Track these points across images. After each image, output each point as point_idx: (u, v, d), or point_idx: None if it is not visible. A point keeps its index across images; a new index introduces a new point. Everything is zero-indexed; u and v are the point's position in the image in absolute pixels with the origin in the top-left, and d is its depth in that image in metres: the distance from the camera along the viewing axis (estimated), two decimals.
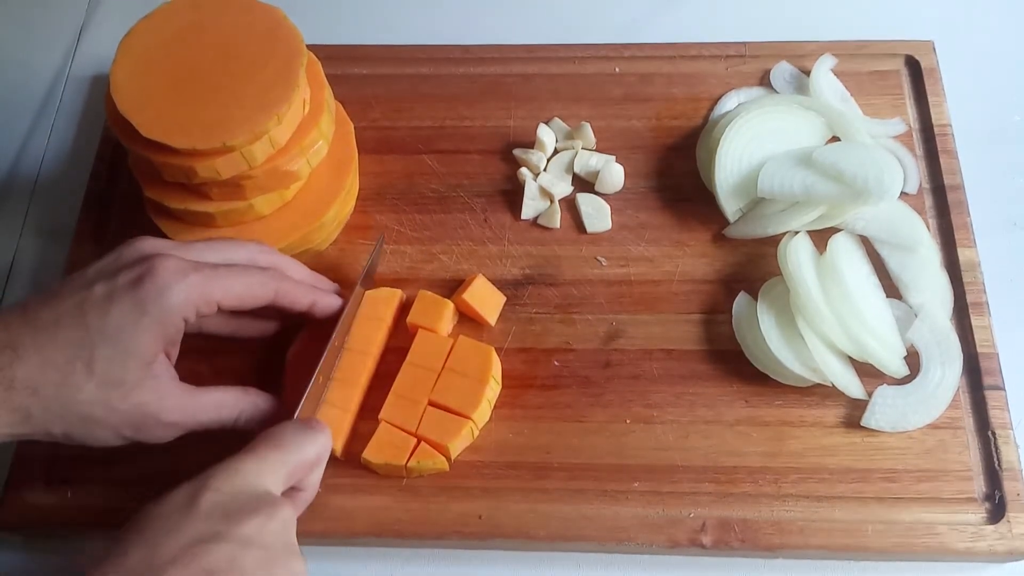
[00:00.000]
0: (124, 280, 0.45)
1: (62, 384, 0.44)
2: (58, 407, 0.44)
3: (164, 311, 0.45)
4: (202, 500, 0.41)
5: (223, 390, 0.50)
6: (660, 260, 0.60)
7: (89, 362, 0.44)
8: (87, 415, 0.45)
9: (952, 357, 0.55)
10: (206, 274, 0.47)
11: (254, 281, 0.49)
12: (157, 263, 0.46)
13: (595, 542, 0.52)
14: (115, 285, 0.45)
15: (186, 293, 0.46)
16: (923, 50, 0.67)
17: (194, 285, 0.46)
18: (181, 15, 0.55)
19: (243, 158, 0.52)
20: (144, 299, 0.45)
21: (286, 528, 0.43)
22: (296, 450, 0.45)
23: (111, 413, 0.45)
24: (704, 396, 0.56)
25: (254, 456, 0.44)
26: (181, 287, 0.45)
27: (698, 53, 0.68)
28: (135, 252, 0.47)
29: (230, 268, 0.48)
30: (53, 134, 0.71)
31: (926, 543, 0.51)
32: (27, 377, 0.43)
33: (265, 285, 0.49)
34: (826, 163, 0.58)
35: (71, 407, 0.44)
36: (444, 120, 0.66)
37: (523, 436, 0.55)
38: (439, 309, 0.57)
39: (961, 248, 0.59)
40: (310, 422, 0.48)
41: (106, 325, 0.44)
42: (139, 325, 0.45)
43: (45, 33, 0.76)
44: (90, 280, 0.46)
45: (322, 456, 0.47)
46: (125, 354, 0.45)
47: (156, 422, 0.47)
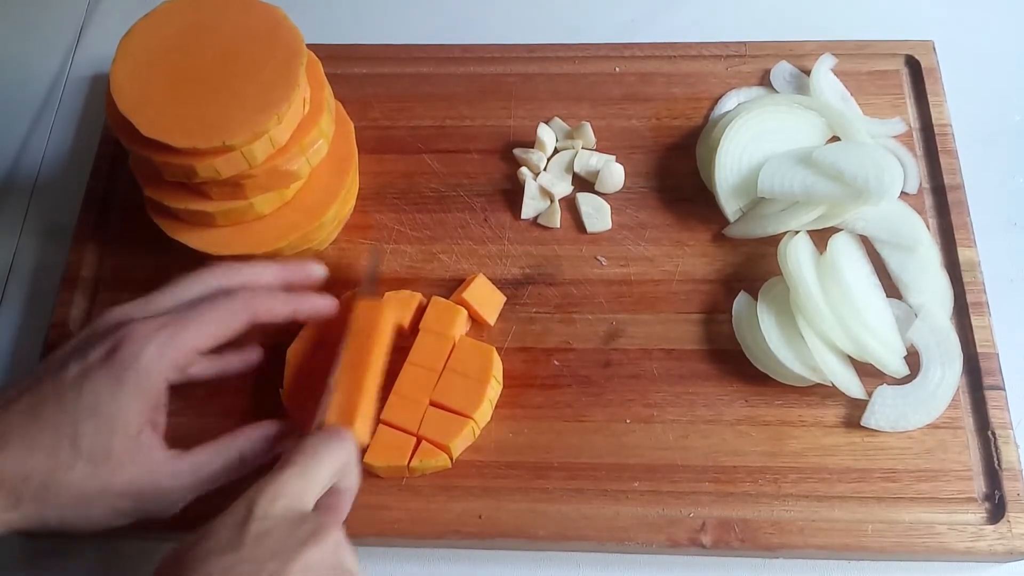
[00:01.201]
0: (96, 356, 0.45)
1: (51, 467, 0.43)
2: (50, 490, 0.43)
3: (141, 377, 0.45)
4: (249, 532, 0.40)
5: (211, 445, 0.48)
6: (660, 260, 0.60)
7: (74, 439, 0.43)
8: (80, 494, 0.44)
9: (952, 357, 0.55)
10: (174, 327, 0.46)
11: (224, 312, 0.47)
12: (124, 332, 0.45)
13: (595, 542, 0.52)
14: (88, 361, 0.45)
15: (159, 352, 0.45)
16: (923, 50, 0.67)
17: (166, 343, 0.45)
18: (181, 15, 0.55)
19: (243, 157, 0.52)
20: (118, 369, 0.44)
21: (337, 550, 0.42)
22: (329, 459, 0.45)
23: (104, 489, 0.44)
24: (704, 396, 0.56)
25: (295, 471, 0.43)
26: (152, 348, 0.45)
27: (698, 53, 0.68)
28: (103, 325, 0.47)
29: (197, 310, 0.47)
30: (53, 134, 0.71)
31: (926, 543, 0.51)
32: (14, 464, 0.43)
33: (237, 313, 0.48)
34: (826, 163, 0.58)
35: (63, 488, 0.44)
36: (444, 120, 0.66)
37: (523, 436, 0.55)
38: (452, 315, 0.56)
39: (961, 248, 0.59)
40: (334, 430, 0.47)
41: (85, 401, 0.44)
42: (118, 396, 0.44)
43: (45, 33, 0.76)
44: (64, 361, 0.46)
45: (351, 460, 0.47)
46: (108, 427, 0.44)
47: (154, 493, 0.46)
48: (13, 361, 0.61)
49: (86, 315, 0.61)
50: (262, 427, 0.50)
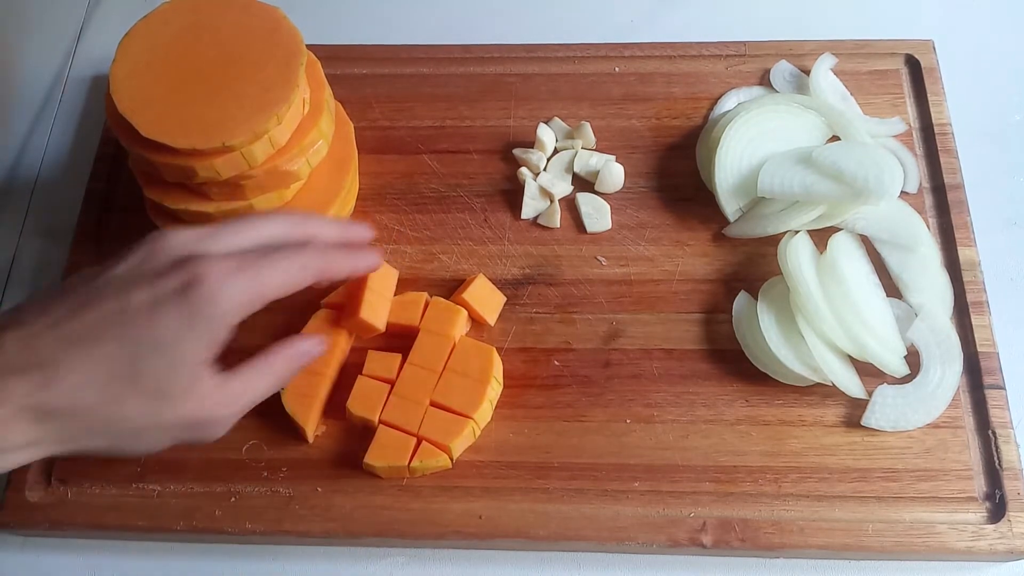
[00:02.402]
0: (168, 287, 0.42)
1: (104, 403, 0.41)
2: (101, 426, 0.42)
3: (216, 319, 0.42)
4: None
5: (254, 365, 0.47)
6: (660, 260, 0.60)
7: (135, 377, 0.41)
8: (133, 429, 0.43)
9: (952, 356, 0.55)
10: (252, 272, 0.44)
11: (296, 267, 0.46)
12: (200, 268, 0.43)
13: (595, 542, 0.52)
14: (158, 293, 0.42)
15: (237, 298, 0.43)
16: (923, 49, 0.67)
17: (242, 288, 0.43)
18: (181, 15, 0.55)
19: (243, 158, 0.52)
20: (194, 309, 0.42)
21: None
22: None
23: (158, 423, 0.43)
24: (704, 395, 0.56)
25: None
26: (230, 293, 0.43)
27: (698, 52, 0.68)
28: (168, 253, 0.44)
29: (271, 258, 0.45)
30: (53, 134, 0.71)
31: (926, 542, 0.51)
32: (63, 400, 0.41)
33: (308, 267, 0.46)
34: (826, 162, 0.58)
35: (115, 424, 0.42)
36: (444, 120, 0.66)
37: (523, 436, 0.55)
38: (452, 316, 0.56)
39: (961, 247, 0.59)
40: None
41: (152, 336, 0.41)
42: (187, 336, 0.42)
43: (45, 33, 0.76)
44: (125, 286, 0.43)
45: None
46: (172, 366, 0.42)
47: (207, 422, 0.45)
48: None
49: None
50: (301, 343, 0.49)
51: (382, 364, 0.55)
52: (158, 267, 0.43)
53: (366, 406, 0.54)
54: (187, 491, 0.54)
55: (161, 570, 0.55)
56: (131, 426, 0.42)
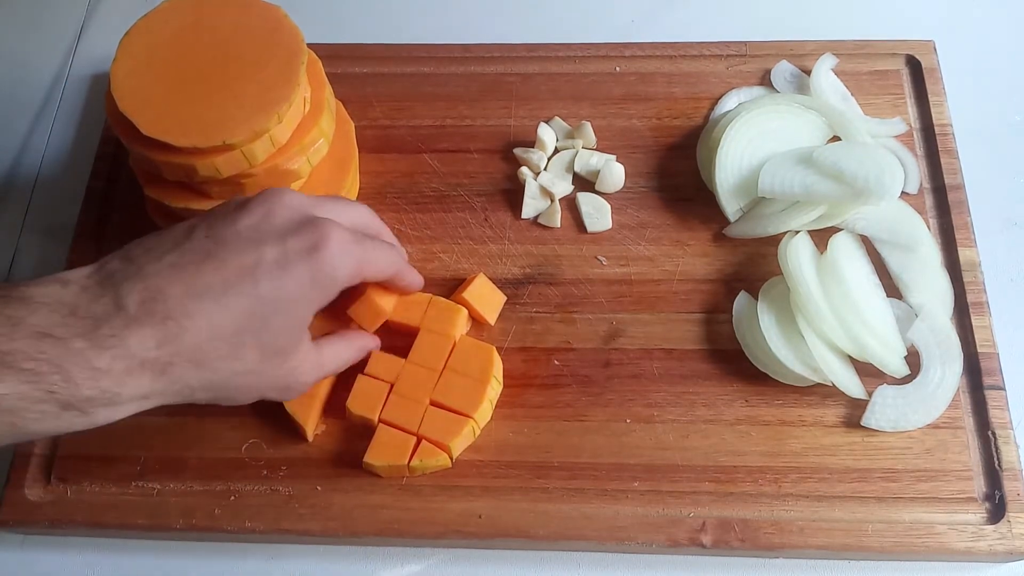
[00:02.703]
0: (296, 246, 0.42)
1: (227, 358, 0.41)
2: (218, 380, 0.42)
3: (333, 283, 0.44)
4: None
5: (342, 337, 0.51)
6: (660, 259, 0.60)
7: (258, 332, 0.42)
8: (241, 384, 0.43)
9: (952, 357, 0.55)
10: (364, 248, 0.45)
11: (391, 258, 0.49)
12: (327, 232, 0.43)
13: (595, 542, 0.52)
14: (287, 251, 0.42)
15: (351, 268, 0.44)
16: (924, 50, 0.67)
17: (356, 259, 0.45)
18: (181, 14, 0.55)
19: (244, 157, 0.52)
20: (316, 270, 0.42)
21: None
22: None
23: (263, 380, 0.44)
24: (704, 395, 0.56)
25: None
26: (347, 261, 0.44)
27: (699, 52, 0.68)
28: (293, 211, 0.44)
29: (376, 243, 0.48)
30: (53, 134, 0.71)
31: (926, 543, 0.51)
32: (189, 354, 0.40)
33: (394, 264, 0.49)
34: (826, 163, 0.58)
35: (231, 378, 0.42)
36: (444, 119, 0.66)
37: (523, 435, 0.55)
38: (452, 315, 0.56)
39: (961, 248, 0.59)
40: None
41: (280, 295, 0.42)
42: (309, 298, 0.43)
43: (45, 33, 0.76)
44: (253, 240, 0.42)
45: None
46: (292, 324, 0.43)
47: (297, 384, 0.46)
48: None
49: None
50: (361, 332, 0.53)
51: (382, 363, 0.55)
52: (285, 225, 0.43)
53: (366, 405, 0.54)
54: (187, 489, 0.54)
55: (160, 569, 0.55)
56: (242, 381, 0.43)
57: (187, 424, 0.55)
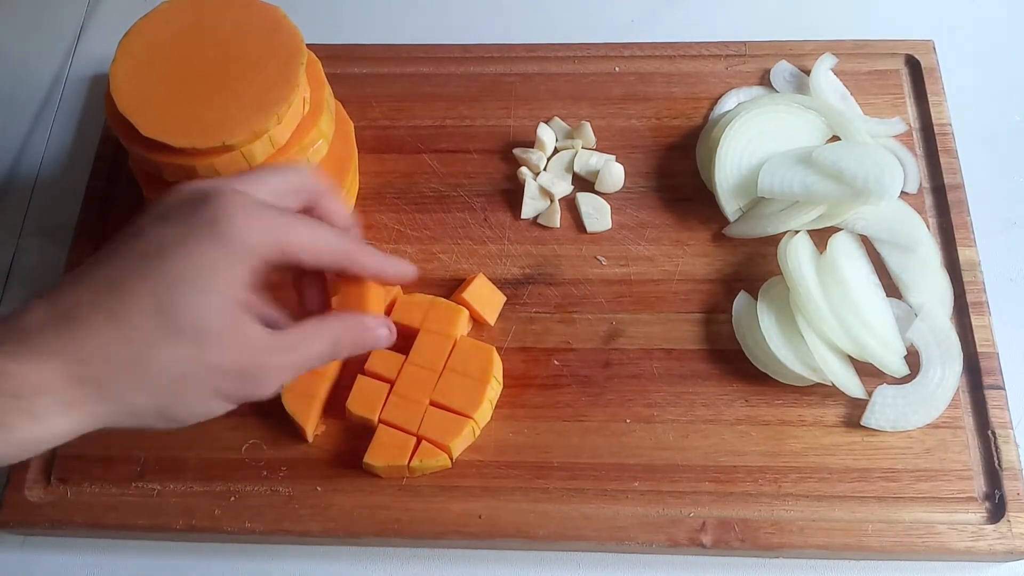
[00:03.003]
0: (194, 219, 0.39)
1: (138, 342, 0.37)
2: (139, 371, 0.37)
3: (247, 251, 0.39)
4: None
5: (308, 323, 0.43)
6: (660, 259, 0.60)
7: (163, 309, 0.37)
8: (177, 374, 0.38)
9: (952, 356, 0.55)
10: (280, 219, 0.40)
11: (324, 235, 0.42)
12: (227, 198, 0.39)
13: (595, 542, 0.52)
14: (185, 225, 0.39)
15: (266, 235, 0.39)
16: (923, 49, 0.67)
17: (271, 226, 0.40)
18: (181, 14, 0.55)
19: (243, 157, 0.52)
20: (223, 234, 0.38)
21: None
22: None
23: (203, 368, 0.39)
24: (704, 395, 0.56)
25: None
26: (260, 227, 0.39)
27: (698, 52, 0.68)
28: (192, 191, 0.40)
29: (297, 216, 0.42)
30: (53, 134, 0.71)
31: (926, 543, 0.51)
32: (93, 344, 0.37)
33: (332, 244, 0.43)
34: (826, 162, 0.58)
35: (154, 368, 0.38)
36: (444, 119, 0.66)
37: (523, 435, 0.55)
38: (453, 315, 0.56)
39: (961, 247, 0.59)
40: None
41: (176, 266, 0.38)
42: (222, 267, 0.38)
43: (45, 33, 0.76)
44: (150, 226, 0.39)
45: None
46: (204, 296, 0.38)
47: (259, 370, 0.40)
48: None
49: None
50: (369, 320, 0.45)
51: (382, 363, 0.55)
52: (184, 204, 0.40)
53: (366, 405, 0.54)
54: (187, 490, 0.54)
55: (161, 569, 0.55)
56: (171, 376, 0.38)
57: None
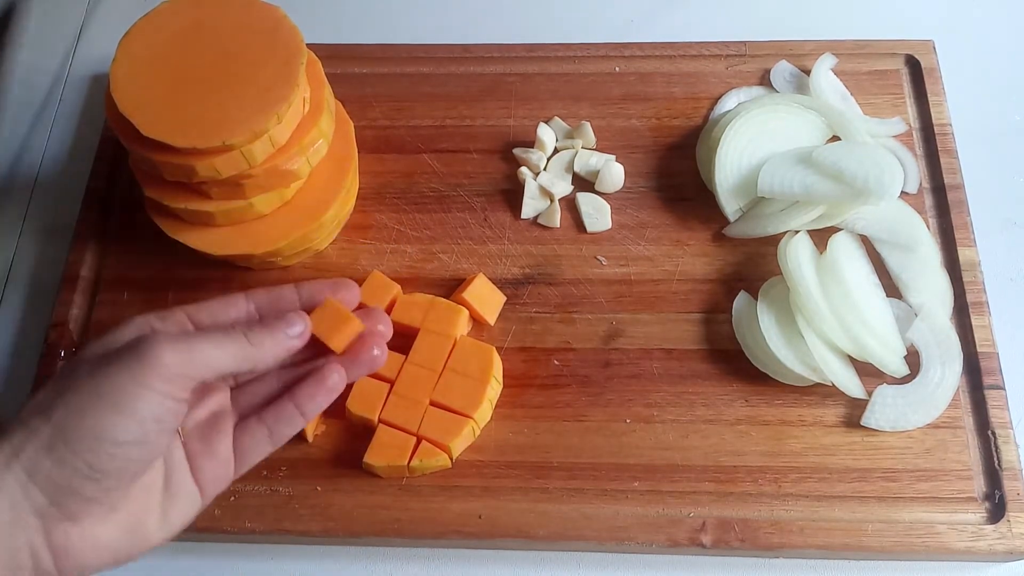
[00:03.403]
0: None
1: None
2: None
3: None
4: None
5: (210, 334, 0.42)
6: (660, 259, 0.60)
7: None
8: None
9: (952, 356, 0.55)
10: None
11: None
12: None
13: (595, 542, 0.52)
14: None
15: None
16: (923, 49, 0.67)
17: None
18: (181, 14, 0.55)
19: (243, 157, 0.52)
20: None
21: None
22: None
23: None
24: (704, 395, 0.56)
25: None
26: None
27: (698, 52, 0.68)
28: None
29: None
30: (53, 134, 0.71)
31: (926, 543, 0.51)
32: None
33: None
34: (826, 163, 0.58)
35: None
36: (444, 119, 0.66)
37: (523, 435, 0.55)
38: (453, 315, 0.56)
39: (961, 247, 0.59)
40: None
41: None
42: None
43: (45, 33, 0.76)
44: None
45: None
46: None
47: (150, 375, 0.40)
48: (13, 361, 0.61)
49: (86, 315, 0.61)
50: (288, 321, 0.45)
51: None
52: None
53: (366, 405, 0.54)
54: None
55: (161, 569, 0.55)
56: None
57: None
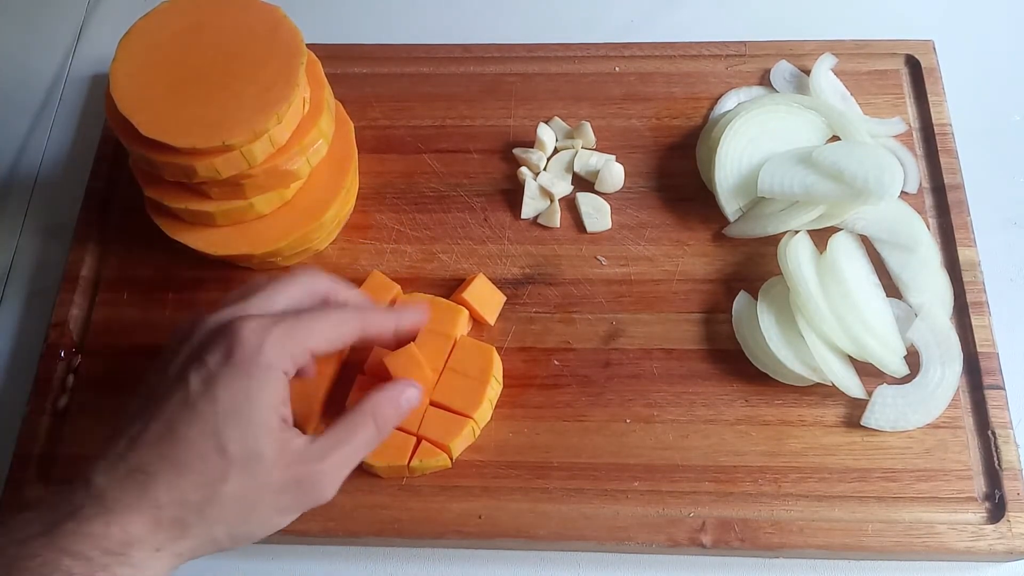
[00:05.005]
0: (215, 359, 0.43)
1: (205, 482, 0.41)
2: (212, 507, 0.42)
3: (268, 370, 0.43)
4: None
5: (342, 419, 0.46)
6: (660, 259, 0.60)
7: (221, 447, 0.42)
8: (242, 501, 0.42)
9: (952, 356, 0.55)
10: (290, 323, 0.45)
11: (333, 320, 0.47)
12: (238, 329, 0.44)
13: (595, 542, 0.52)
14: (208, 367, 0.43)
15: (279, 346, 0.44)
16: (923, 49, 0.67)
17: (281, 336, 0.44)
18: (181, 14, 0.55)
19: (243, 157, 0.52)
20: (244, 366, 0.43)
21: None
22: None
23: (263, 489, 0.43)
24: (704, 395, 0.56)
25: None
26: (271, 342, 0.44)
27: (698, 52, 0.68)
28: (206, 329, 0.45)
29: (310, 314, 0.46)
30: (53, 134, 0.71)
31: (926, 543, 0.51)
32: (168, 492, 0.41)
33: (348, 322, 0.48)
34: (826, 162, 0.58)
35: (223, 501, 0.42)
36: (444, 119, 0.66)
37: (523, 435, 0.55)
38: (453, 315, 0.56)
39: (961, 247, 0.59)
40: None
41: (221, 406, 0.42)
42: (251, 393, 0.43)
43: (45, 33, 0.76)
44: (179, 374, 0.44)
45: None
46: (251, 426, 0.42)
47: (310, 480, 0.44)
48: (13, 361, 0.61)
49: (86, 315, 0.61)
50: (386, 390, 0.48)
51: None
52: (198, 343, 0.44)
53: None
54: None
55: None
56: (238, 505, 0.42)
57: None
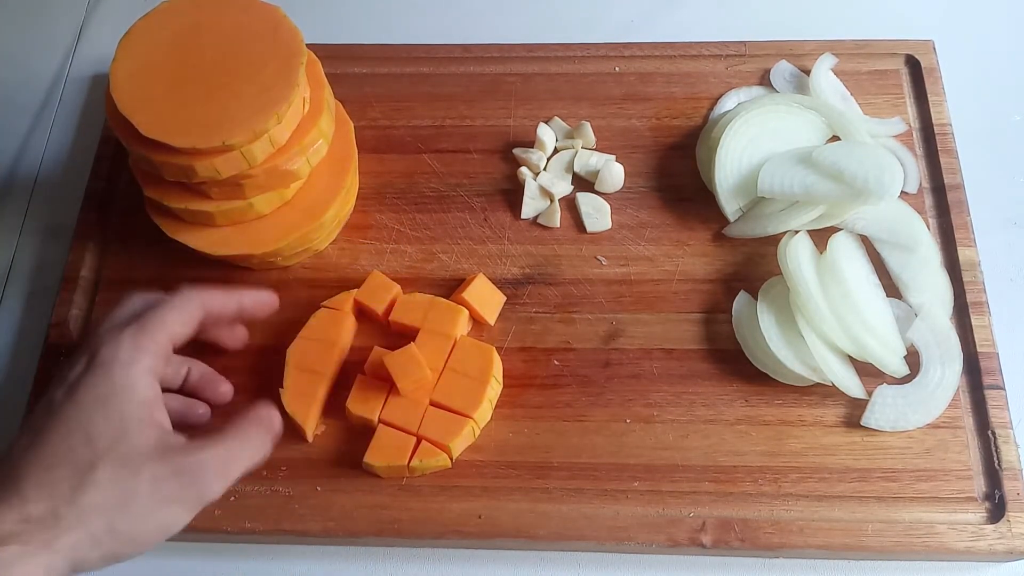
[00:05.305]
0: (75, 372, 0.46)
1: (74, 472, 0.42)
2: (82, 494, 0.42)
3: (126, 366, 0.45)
4: None
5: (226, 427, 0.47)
6: (660, 259, 0.60)
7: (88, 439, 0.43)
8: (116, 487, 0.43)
9: (952, 356, 0.55)
10: (138, 323, 0.47)
11: (177, 305, 0.49)
12: (91, 341, 0.47)
13: (595, 542, 0.52)
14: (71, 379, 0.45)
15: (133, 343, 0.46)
16: (923, 49, 0.67)
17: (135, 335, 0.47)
18: (181, 14, 0.55)
19: (243, 157, 0.52)
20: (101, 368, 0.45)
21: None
22: None
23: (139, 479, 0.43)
24: (704, 395, 0.56)
25: None
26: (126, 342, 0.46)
27: (698, 52, 0.68)
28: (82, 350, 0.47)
29: (153, 309, 0.49)
30: (53, 134, 0.71)
31: (926, 543, 0.51)
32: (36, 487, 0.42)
33: (191, 300, 0.50)
34: (826, 162, 0.58)
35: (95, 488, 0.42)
36: (444, 119, 0.66)
37: (523, 435, 0.55)
38: (453, 315, 0.56)
39: (961, 247, 0.59)
40: None
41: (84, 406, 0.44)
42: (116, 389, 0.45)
43: (45, 33, 0.76)
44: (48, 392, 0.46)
45: None
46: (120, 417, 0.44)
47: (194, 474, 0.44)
48: (13, 361, 0.61)
49: (86, 315, 0.61)
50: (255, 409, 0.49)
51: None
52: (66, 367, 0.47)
53: (366, 405, 0.54)
54: None
55: (160, 569, 0.55)
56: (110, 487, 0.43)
57: None
